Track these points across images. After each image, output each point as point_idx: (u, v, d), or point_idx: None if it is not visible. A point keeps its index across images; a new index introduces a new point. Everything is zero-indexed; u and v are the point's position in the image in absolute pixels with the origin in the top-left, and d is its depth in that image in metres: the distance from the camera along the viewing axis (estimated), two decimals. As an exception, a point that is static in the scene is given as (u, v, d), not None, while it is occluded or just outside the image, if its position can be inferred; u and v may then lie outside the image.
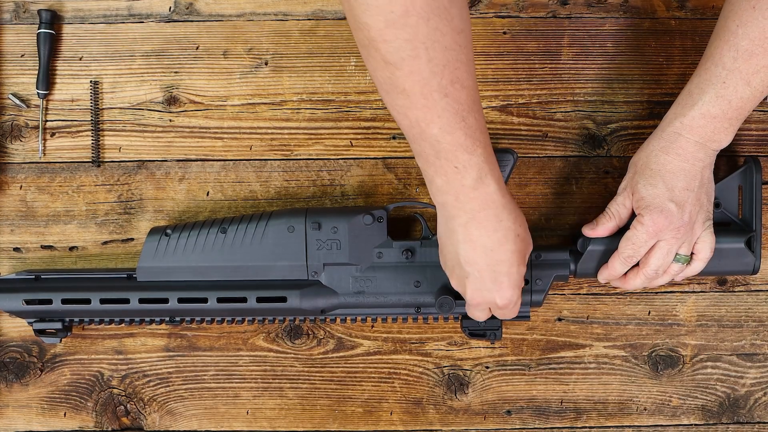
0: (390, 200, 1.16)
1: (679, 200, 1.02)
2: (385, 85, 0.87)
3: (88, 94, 1.16)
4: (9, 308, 1.11)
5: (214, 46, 1.16)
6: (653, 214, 1.02)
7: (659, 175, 1.02)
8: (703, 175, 1.03)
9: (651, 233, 1.03)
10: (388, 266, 1.10)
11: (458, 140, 0.88)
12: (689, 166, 1.02)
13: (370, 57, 0.85)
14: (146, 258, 1.10)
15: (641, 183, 1.03)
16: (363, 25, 0.83)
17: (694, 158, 1.02)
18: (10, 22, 1.16)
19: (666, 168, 1.02)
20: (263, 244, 1.09)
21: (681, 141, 1.01)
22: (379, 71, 0.86)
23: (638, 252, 1.05)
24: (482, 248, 0.95)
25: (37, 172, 1.17)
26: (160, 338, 1.18)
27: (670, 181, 1.02)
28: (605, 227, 1.07)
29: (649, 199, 1.02)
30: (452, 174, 0.91)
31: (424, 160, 0.91)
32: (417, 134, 0.89)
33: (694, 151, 1.02)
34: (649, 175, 1.03)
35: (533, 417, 1.19)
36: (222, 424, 1.19)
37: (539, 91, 1.16)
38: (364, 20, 0.82)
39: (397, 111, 0.88)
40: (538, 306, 1.11)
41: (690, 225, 1.03)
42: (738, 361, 1.18)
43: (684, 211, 1.02)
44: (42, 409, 1.18)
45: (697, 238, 1.05)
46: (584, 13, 1.16)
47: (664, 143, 1.02)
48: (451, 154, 0.89)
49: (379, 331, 1.18)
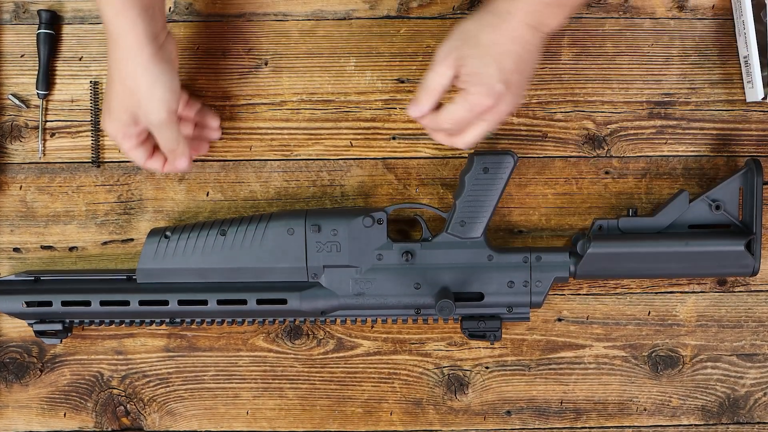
0: (390, 201, 1.16)
1: (508, 82, 0.98)
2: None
3: (88, 94, 1.16)
4: (9, 310, 1.11)
5: (214, 46, 1.16)
6: (481, 93, 0.99)
7: (490, 54, 0.98)
8: (530, 57, 1.01)
9: (476, 112, 1.00)
10: (387, 268, 1.10)
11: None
12: (519, 48, 0.99)
13: None
14: (146, 260, 1.10)
15: (473, 59, 0.98)
16: None
17: (524, 41, 0.99)
18: (10, 22, 1.16)
19: (498, 47, 0.98)
20: (263, 246, 1.09)
21: (513, 22, 0.98)
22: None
23: (459, 127, 1.03)
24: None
25: (37, 173, 1.16)
26: (160, 339, 1.18)
27: (501, 61, 0.98)
28: (429, 103, 1.01)
29: (480, 76, 0.98)
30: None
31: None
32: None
33: (525, 33, 0.99)
34: (480, 51, 0.98)
35: (533, 417, 1.19)
36: (222, 424, 1.19)
37: (539, 91, 1.16)
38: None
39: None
40: (537, 307, 1.11)
41: (512, 107, 1.01)
42: (738, 362, 1.18)
43: (510, 93, 0.99)
44: (42, 409, 1.18)
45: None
46: (584, 13, 1.16)
47: (496, 20, 0.99)
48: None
49: (379, 332, 1.18)
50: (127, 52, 1.01)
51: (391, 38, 1.16)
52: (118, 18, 0.99)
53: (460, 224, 1.09)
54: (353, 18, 1.16)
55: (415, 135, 1.16)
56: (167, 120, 1.03)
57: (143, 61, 1.01)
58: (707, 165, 1.16)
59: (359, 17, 1.16)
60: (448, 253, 1.10)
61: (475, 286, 1.10)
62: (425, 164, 1.16)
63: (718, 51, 1.16)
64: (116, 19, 0.99)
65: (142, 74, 1.01)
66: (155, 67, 1.01)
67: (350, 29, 1.16)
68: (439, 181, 1.16)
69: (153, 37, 1.01)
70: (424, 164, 1.16)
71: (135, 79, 1.01)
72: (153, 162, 1.09)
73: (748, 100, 1.15)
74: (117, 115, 1.03)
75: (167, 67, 1.03)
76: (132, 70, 1.01)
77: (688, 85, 1.16)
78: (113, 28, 1.00)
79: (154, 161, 1.09)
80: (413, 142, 1.16)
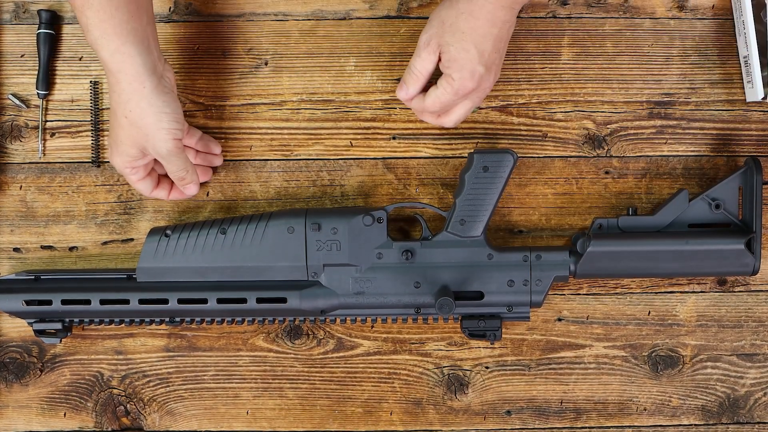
0: (390, 200, 1.16)
1: (488, 63, 1.04)
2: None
3: (88, 94, 1.16)
4: (9, 309, 1.11)
5: (214, 46, 1.16)
6: (464, 77, 1.03)
7: (470, 39, 1.02)
8: (507, 34, 1.05)
9: (460, 94, 1.05)
10: (387, 267, 1.10)
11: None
12: (497, 30, 1.03)
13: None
14: (146, 259, 1.10)
15: (453, 45, 1.03)
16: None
17: (502, 22, 1.03)
18: (10, 22, 1.16)
19: (477, 32, 1.02)
20: (263, 244, 1.09)
21: (489, 6, 1.01)
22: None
23: (445, 108, 1.07)
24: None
25: (37, 173, 1.17)
26: (160, 338, 1.18)
27: (481, 45, 1.03)
28: (416, 87, 1.08)
29: (462, 62, 1.03)
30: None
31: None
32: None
33: (502, 15, 1.02)
34: (460, 37, 1.03)
35: (533, 417, 1.19)
36: (222, 424, 1.19)
37: (539, 91, 1.16)
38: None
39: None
40: (537, 306, 1.11)
41: (493, 83, 1.06)
42: (738, 362, 1.18)
43: (491, 72, 1.05)
44: (42, 409, 1.18)
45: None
46: (584, 13, 1.16)
47: (473, 6, 1.02)
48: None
49: (379, 332, 1.18)
50: (129, 87, 1.02)
51: (391, 38, 1.16)
52: (115, 56, 1.00)
53: (460, 223, 1.09)
54: (353, 18, 1.16)
55: (415, 135, 1.16)
56: (175, 149, 1.05)
57: (146, 95, 1.02)
58: (707, 165, 1.16)
59: (359, 17, 1.16)
60: (448, 252, 1.10)
61: (475, 285, 1.10)
62: (425, 164, 1.16)
63: (718, 51, 1.16)
64: (114, 57, 1.00)
65: (146, 108, 1.02)
66: (158, 99, 1.03)
67: (350, 29, 1.16)
68: (439, 180, 1.16)
69: (152, 69, 1.02)
70: (424, 164, 1.16)
71: (140, 113, 1.02)
72: (159, 191, 1.11)
73: (748, 100, 1.15)
74: (124, 149, 1.05)
75: (170, 97, 1.04)
76: (136, 105, 1.02)
77: (688, 85, 1.16)
78: (112, 66, 1.01)
79: (160, 190, 1.11)
80: (413, 142, 1.16)
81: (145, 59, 1.01)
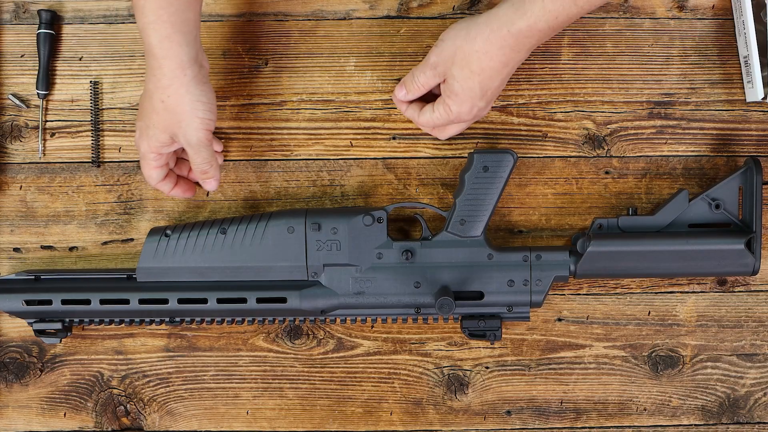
0: (390, 200, 1.16)
1: (489, 98, 1.06)
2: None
3: (88, 94, 1.16)
4: (9, 309, 1.11)
5: (214, 46, 1.16)
6: (462, 111, 1.06)
7: (478, 79, 1.04)
8: (513, 69, 1.06)
9: (455, 122, 1.08)
10: (387, 267, 1.10)
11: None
12: (508, 69, 1.04)
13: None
14: (146, 258, 1.10)
15: (459, 82, 1.04)
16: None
17: (515, 62, 1.04)
18: (10, 22, 1.16)
19: (486, 73, 1.03)
20: (263, 244, 1.10)
21: (510, 44, 1.02)
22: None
23: (437, 126, 1.09)
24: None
25: (37, 173, 1.17)
26: (160, 338, 1.18)
27: (487, 84, 1.04)
28: (414, 95, 1.09)
29: (463, 98, 1.05)
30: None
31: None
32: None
33: (517, 56, 1.04)
34: (468, 76, 1.04)
35: (533, 417, 1.19)
36: (222, 424, 1.19)
37: (539, 91, 1.16)
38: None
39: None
40: (538, 306, 1.11)
41: (489, 108, 1.09)
42: (738, 362, 1.18)
43: (489, 104, 1.08)
44: (42, 409, 1.18)
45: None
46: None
47: (494, 47, 1.02)
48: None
49: (379, 332, 1.18)
50: (171, 74, 1.02)
51: (391, 38, 1.16)
52: (164, 42, 1.01)
53: (460, 223, 1.09)
54: (353, 18, 1.16)
55: (415, 135, 1.16)
56: (205, 140, 1.06)
57: (186, 83, 1.03)
58: (707, 165, 1.16)
59: (359, 17, 1.16)
60: (448, 251, 1.10)
61: (475, 285, 1.10)
62: (425, 164, 1.16)
63: (718, 51, 1.16)
64: (163, 43, 1.01)
65: (184, 95, 1.03)
66: (197, 88, 1.04)
67: (350, 29, 1.16)
68: (439, 180, 1.16)
69: (195, 58, 1.03)
70: (424, 164, 1.16)
71: (178, 100, 1.03)
72: (164, 184, 1.11)
73: (748, 100, 1.15)
74: (155, 134, 1.06)
75: (207, 87, 1.05)
76: (175, 91, 1.03)
77: (688, 85, 1.16)
78: (158, 51, 1.02)
79: (166, 183, 1.11)
80: (413, 142, 1.16)
81: (191, 48, 1.03)
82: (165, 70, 1.02)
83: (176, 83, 1.03)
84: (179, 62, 1.02)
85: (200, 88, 1.04)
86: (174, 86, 1.03)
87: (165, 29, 1.01)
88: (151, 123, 1.05)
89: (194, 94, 1.04)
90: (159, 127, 1.05)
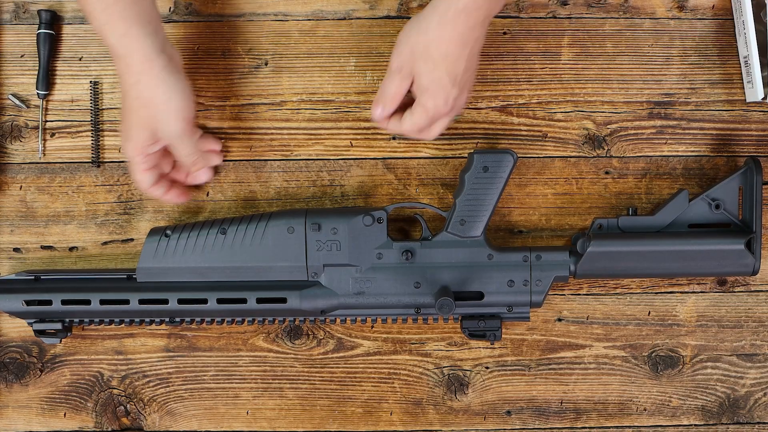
0: (390, 201, 1.16)
1: (461, 84, 1.02)
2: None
3: (88, 95, 1.16)
4: (9, 309, 1.11)
5: (214, 46, 1.16)
6: (438, 104, 1.03)
7: (443, 66, 1.01)
8: (479, 47, 1.02)
9: (436, 119, 1.05)
10: (387, 267, 1.10)
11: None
12: (469, 50, 1.01)
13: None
14: (146, 259, 1.10)
15: (425, 75, 1.01)
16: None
17: (474, 40, 1.01)
18: (10, 23, 1.16)
19: (449, 58, 1.00)
20: (263, 244, 1.09)
21: (461, 22, 0.99)
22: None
23: (422, 128, 1.06)
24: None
25: (37, 173, 1.17)
26: (160, 338, 1.18)
27: (454, 70, 1.01)
28: (390, 108, 1.06)
29: (435, 90, 1.02)
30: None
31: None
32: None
33: (474, 33, 1.00)
34: (432, 66, 1.01)
35: (533, 417, 1.19)
36: (222, 424, 1.19)
37: (539, 91, 1.16)
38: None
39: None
40: (538, 306, 1.11)
41: (469, 97, 1.08)
42: (738, 362, 1.18)
43: (464, 90, 1.04)
44: (42, 409, 1.18)
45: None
46: (584, 13, 1.16)
47: (447, 30, 0.99)
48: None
49: (379, 332, 1.18)
50: (139, 68, 1.02)
51: (391, 38, 1.16)
52: (122, 39, 1.01)
53: (460, 223, 1.09)
54: (353, 18, 1.16)
55: (415, 135, 1.16)
56: (186, 130, 1.05)
57: (156, 74, 1.02)
58: (707, 165, 1.16)
59: (359, 17, 1.16)
60: (448, 252, 1.10)
61: (475, 285, 1.10)
62: (425, 164, 1.16)
63: (718, 51, 1.16)
64: (121, 41, 1.01)
65: (156, 86, 1.03)
66: (169, 78, 1.03)
67: (350, 29, 1.16)
68: (439, 180, 1.16)
69: (161, 49, 1.02)
70: (424, 164, 1.16)
71: (150, 93, 1.03)
72: (156, 189, 1.10)
73: (748, 100, 1.15)
74: (135, 134, 1.05)
75: (180, 76, 1.04)
76: (145, 85, 1.02)
77: (688, 85, 1.16)
78: (120, 50, 1.01)
79: (158, 188, 1.10)
80: (413, 142, 1.16)
81: (153, 40, 1.02)
82: (133, 67, 1.02)
83: (145, 77, 1.02)
84: (144, 55, 1.01)
85: (172, 77, 1.03)
86: (144, 80, 1.02)
87: (119, 27, 1.00)
88: (131, 123, 1.05)
89: (167, 83, 1.03)
90: (139, 125, 1.04)
